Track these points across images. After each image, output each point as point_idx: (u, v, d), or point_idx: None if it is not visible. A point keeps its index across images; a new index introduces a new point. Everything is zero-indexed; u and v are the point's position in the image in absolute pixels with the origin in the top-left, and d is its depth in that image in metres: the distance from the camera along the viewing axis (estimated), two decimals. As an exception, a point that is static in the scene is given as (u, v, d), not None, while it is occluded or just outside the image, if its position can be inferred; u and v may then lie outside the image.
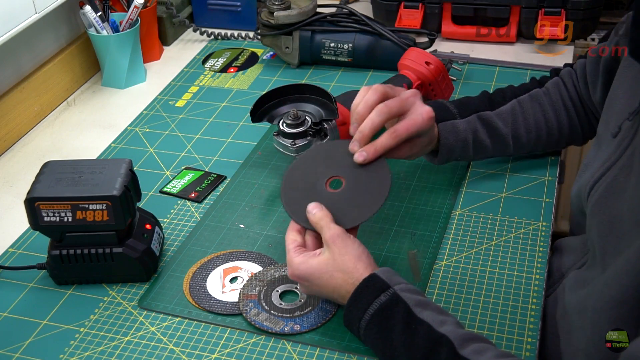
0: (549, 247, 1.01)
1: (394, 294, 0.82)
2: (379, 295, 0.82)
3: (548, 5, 1.46)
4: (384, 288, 0.83)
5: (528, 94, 1.12)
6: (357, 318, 0.84)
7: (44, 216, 0.93)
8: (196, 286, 0.97)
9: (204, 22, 1.64)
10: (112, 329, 0.92)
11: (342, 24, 1.44)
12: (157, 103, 1.39)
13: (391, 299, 0.82)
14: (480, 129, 1.09)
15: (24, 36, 1.31)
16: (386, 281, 0.83)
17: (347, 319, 0.86)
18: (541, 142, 1.13)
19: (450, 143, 1.07)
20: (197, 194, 1.14)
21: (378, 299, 0.82)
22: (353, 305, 0.84)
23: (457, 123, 1.07)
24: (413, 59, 1.27)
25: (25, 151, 1.29)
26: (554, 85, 1.13)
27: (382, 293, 0.82)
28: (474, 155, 1.11)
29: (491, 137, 1.10)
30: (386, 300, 0.82)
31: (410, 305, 0.81)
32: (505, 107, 1.11)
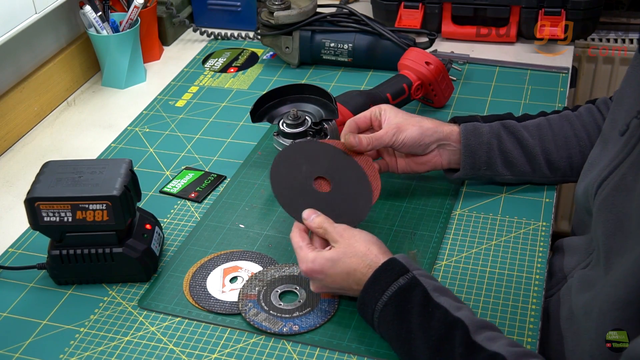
0: (549, 247, 1.01)
1: (413, 277, 0.84)
2: (398, 278, 0.84)
3: (548, 5, 1.46)
4: (403, 272, 0.84)
5: (558, 114, 1.10)
6: (374, 299, 0.85)
7: (44, 216, 0.93)
8: (196, 286, 0.97)
9: (204, 22, 1.64)
10: (112, 329, 0.92)
11: (342, 24, 1.44)
12: (157, 103, 1.39)
13: (410, 282, 0.83)
14: (504, 136, 1.06)
15: (24, 36, 1.31)
16: (406, 265, 0.85)
17: (363, 300, 0.86)
18: (574, 163, 1.07)
19: (471, 144, 1.05)
20: (197, 194, 1.14)
21: (397, 282, 0.84)
22: (371, 287, 0.85)
23: (479, 125, 1.06)
24: (413, 59, 1.27)
25: (25, 151, 1.29)
26: (587, 109, 1.10)
27: (400, 276, 0.84)
28: (503, 167, 1.07)
29: (520, 146, 1.06)
30: (405, 284, 0.83)
31: (428, 289, 0.82)
32: (532, 121, 1.08)
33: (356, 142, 1.01)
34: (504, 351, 0.76)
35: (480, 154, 1.06)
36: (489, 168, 1.07)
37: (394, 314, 0.83)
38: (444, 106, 1.32)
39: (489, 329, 0.80)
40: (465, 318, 0.79)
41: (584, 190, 0.95)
